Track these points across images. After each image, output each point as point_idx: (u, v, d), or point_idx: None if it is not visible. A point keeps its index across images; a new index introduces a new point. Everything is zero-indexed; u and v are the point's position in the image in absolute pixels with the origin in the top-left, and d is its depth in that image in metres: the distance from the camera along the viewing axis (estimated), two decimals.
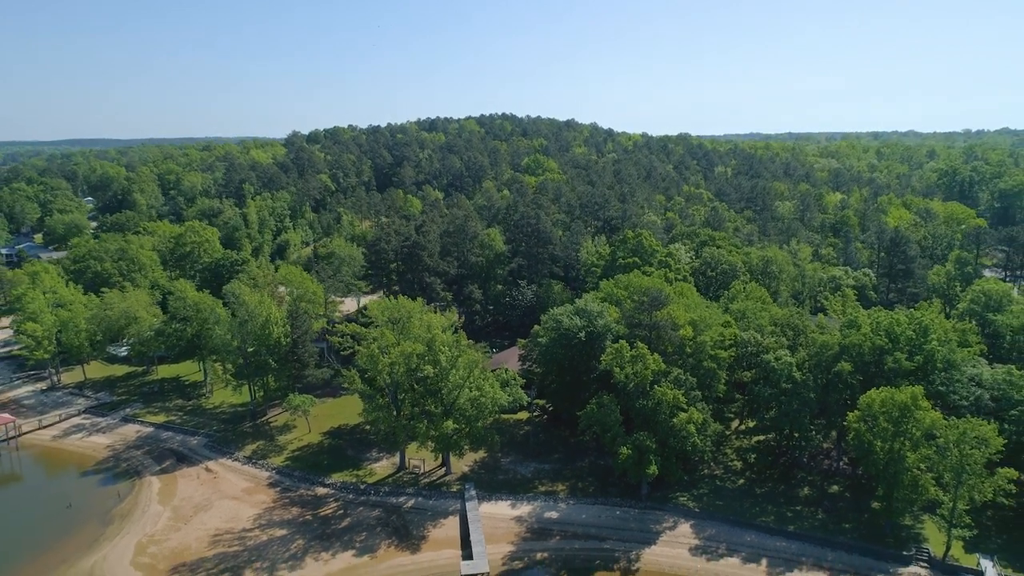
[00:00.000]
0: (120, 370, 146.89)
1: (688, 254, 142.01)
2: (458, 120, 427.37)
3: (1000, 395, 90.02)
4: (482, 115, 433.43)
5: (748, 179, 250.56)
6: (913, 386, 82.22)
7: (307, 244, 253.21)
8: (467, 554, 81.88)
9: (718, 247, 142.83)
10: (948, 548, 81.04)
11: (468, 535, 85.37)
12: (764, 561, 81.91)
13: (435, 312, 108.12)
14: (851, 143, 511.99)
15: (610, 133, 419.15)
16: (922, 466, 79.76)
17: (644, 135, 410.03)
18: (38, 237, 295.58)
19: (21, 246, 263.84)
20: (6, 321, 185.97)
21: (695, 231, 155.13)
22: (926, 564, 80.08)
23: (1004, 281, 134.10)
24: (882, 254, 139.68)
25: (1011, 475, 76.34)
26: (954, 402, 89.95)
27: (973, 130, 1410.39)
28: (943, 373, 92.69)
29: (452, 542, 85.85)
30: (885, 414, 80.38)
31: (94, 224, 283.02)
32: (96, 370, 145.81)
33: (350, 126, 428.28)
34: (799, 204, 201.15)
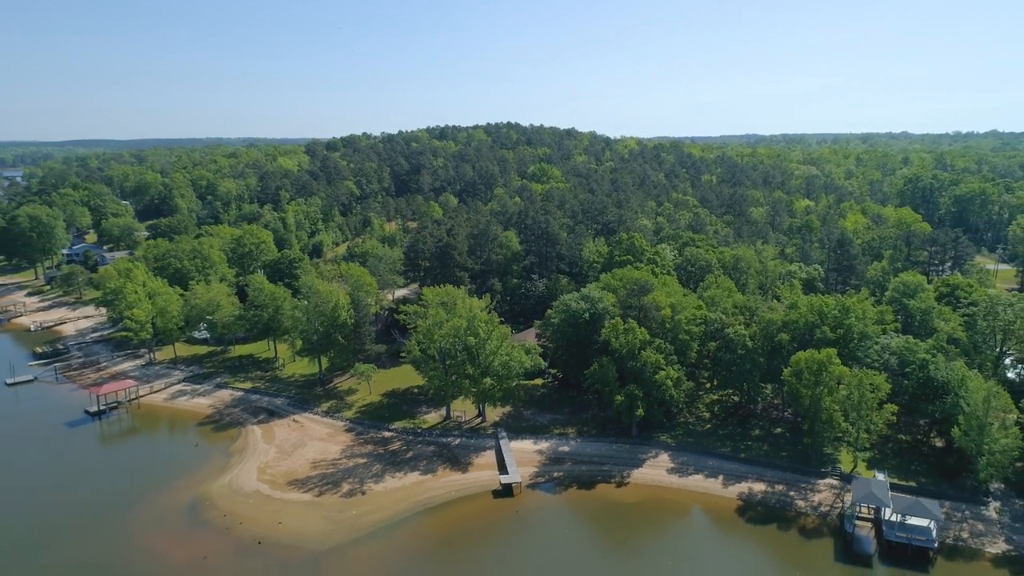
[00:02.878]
0: (202, 349, 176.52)
1: (672, 253, 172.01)
2: (467, 129, 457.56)
3: (902, 358, 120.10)
4: (488, 124, 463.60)
5: (730, 187, 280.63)
6: (831, 349, 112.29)
7: (337, 244, 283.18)
8: (503, 472, 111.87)
9: (697, 247, 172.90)
10: (855, 466, 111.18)
11: (503, 461, 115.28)
12: (721, 477, 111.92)
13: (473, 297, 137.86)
14: (834, 149, 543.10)
15: (608, 142, 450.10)
16: (835, 407, 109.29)
17: (640, 143, 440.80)
18: (89, 238, 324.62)
19: (78, 247, 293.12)
20: (89, 310, 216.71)
21: (679, 234, 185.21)
22: (837, 477, 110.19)
23: (926, 275, 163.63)
24: (831, 253, 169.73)
25: (893, 409, 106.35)
26: (867, 363, 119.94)
27: (963, 132, 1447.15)
28: (859, 342, 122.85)
29: (491, 466, 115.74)
30: (808, 369, 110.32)
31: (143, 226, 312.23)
32: (181, 349, 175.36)
33: (364, 134, 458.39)
34: (770, 210, 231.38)
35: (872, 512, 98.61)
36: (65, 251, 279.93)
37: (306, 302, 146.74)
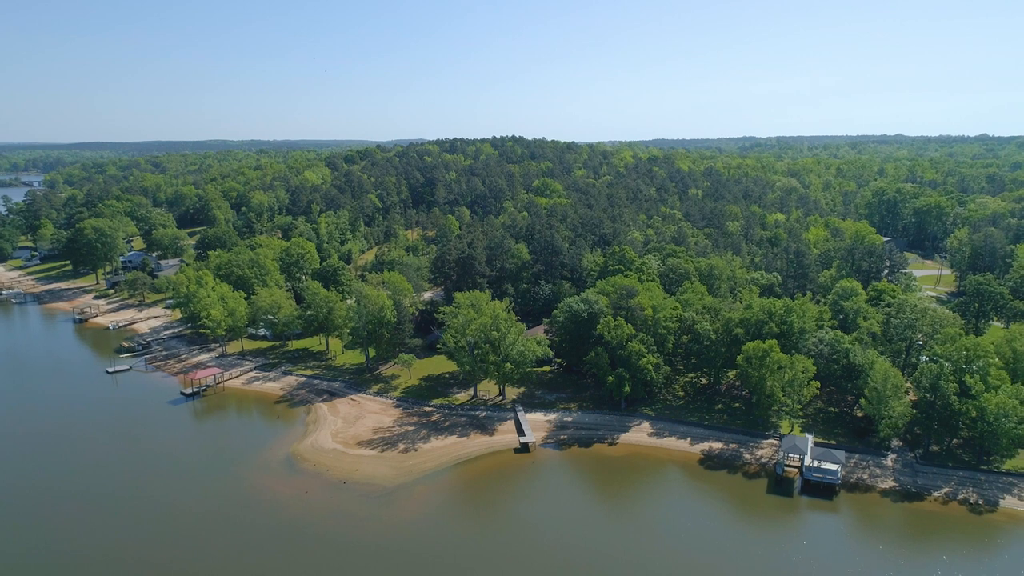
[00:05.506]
0: (263, 344, 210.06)
1: (657, 262, 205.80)
2: (475, 142, 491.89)
3: (832, 347, 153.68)
4: (494, 137, 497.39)
5: (712, 201, 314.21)
6: (773, 340, 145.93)
7: (364, 252, 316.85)
8: (521, 435, 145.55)
9: (678, 258, 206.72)
10: (791, 429, 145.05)
11: (521, 427, 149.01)
12: (689, 439, 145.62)
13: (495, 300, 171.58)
14: (817, 159, 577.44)
15: (605, 155, 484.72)
16: (776, 384, 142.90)
17: (635, 156, 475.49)
18: (134, 244, 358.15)
19: (131, 254, 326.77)
20: (156, 311, 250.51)
21: (663, 246, 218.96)
22: (777, 438, 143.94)
23: (866, 281, 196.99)
24: (789, 262, 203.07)
25: (816, 384, 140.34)
26: (804, 352, 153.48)
27: (954, 135, 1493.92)
28: (799, 335, 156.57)
29: (512, 431, 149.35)
30: (755, 355, 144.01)
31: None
32: (246, 344, 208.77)
33: (379, 146, 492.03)
34: (745, 223, 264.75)
35: (797, 460, 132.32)
36: (122, 258, 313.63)
37: (356, 303, 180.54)
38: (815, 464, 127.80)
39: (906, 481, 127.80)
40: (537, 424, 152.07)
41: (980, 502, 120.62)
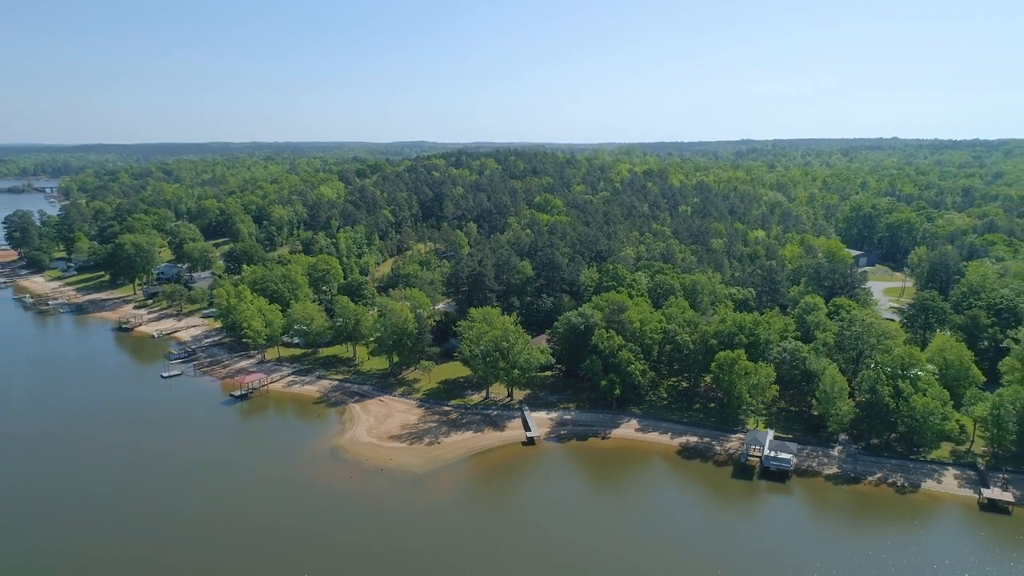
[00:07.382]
0: (296, 351, 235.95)
1: (646, 279, 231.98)
2: (479, 156, 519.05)
3: (793, 356, 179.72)
4: (497, 151, 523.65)
5: (700, 218, 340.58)
6: (741, 350, 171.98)
7: (379, 264, 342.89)
8: (527, 430, 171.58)
9: (665, 275, 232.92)
10: (756, 426, 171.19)
11: (527, 424, 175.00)
12: (669, 434, 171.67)
13: (506, 314, 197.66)
14: (805, 171, 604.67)
15: (603, 170, 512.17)
16: (743, 387, 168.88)
17: (631, 171, 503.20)
18: (163, 255, 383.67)
19: (163, 265, 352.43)
20: (194, 320, 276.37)
21: (652, 264, 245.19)
22: (743, 433, 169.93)
23: (829, 297, 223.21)
24: (763, 279, 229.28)
25: (776, 387, 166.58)
26: (769, 359, 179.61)
27: (946, 139, 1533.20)
28: (765, 345, 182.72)
29: (519, 427, 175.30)
30: (726, 363, 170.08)
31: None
32: (281, 351, 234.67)
33: (388, 160, 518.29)
34: (728, 240, 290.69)
35: (759, 451, 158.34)
36: (156, 270, 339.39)
37: (380, 316, 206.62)
38: (772, 454, 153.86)
39: (847, 468, 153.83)
40: (541, 421, 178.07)
41: (906, 485, 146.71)
